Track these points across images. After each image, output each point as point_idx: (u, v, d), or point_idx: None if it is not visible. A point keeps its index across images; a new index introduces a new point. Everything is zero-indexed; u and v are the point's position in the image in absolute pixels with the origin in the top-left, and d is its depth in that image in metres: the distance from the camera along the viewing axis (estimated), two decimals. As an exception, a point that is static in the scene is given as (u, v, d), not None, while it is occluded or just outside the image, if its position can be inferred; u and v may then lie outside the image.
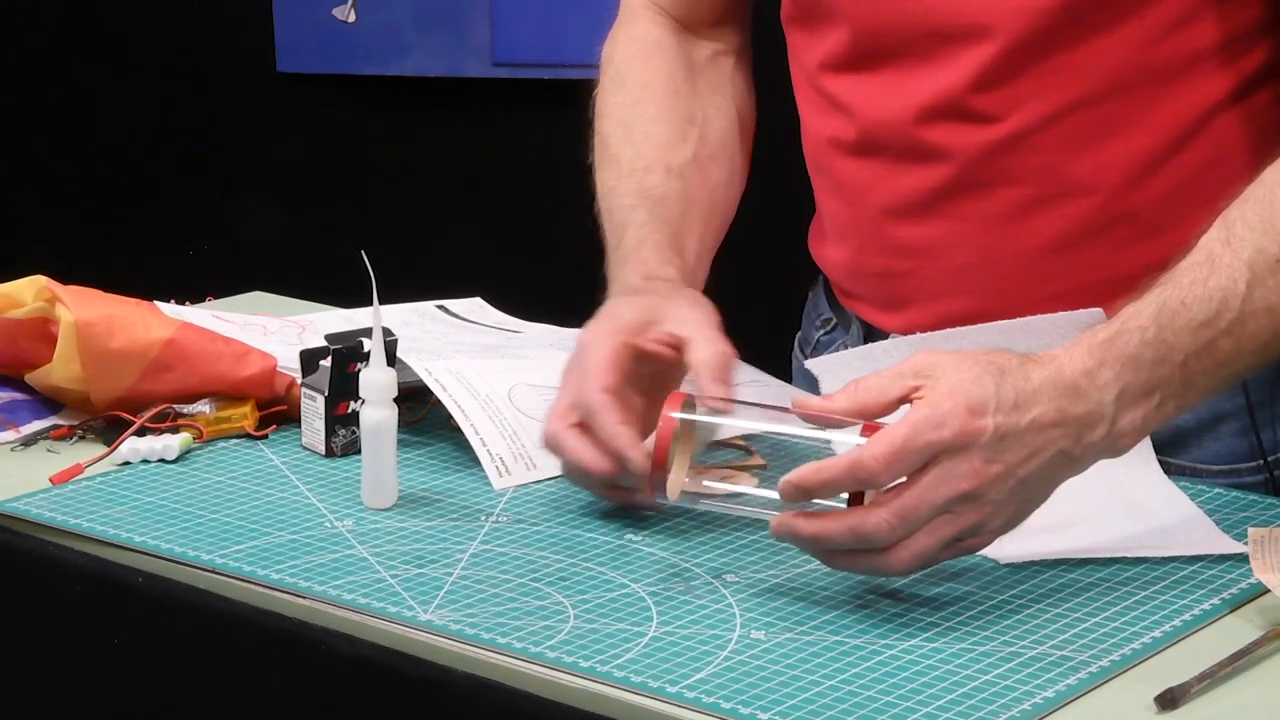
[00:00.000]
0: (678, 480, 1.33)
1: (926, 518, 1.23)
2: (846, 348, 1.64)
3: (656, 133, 1.61)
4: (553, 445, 1.39)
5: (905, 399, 1.26)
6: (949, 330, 1.50)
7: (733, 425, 1.40)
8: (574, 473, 1.39)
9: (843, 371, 1.53)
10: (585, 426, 1.37)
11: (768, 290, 2.02)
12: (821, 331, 1.70)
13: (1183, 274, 1.29)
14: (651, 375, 1.42)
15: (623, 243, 1.54)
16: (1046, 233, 1.50)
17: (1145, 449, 1.46)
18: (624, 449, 1.34)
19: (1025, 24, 1.44)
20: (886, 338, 1.58)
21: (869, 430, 1.26)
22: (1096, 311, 1.46)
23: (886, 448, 1.23)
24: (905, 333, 1.55)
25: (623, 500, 1.40)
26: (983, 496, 1.24)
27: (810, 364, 1.58)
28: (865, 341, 1.62)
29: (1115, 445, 1.28)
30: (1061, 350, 1.27)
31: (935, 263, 1.54)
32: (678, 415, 1.31)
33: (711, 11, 1.69)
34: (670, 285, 1.49)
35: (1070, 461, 1.26)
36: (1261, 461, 1.53)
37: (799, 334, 1.75)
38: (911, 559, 1.24)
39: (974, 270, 1.53)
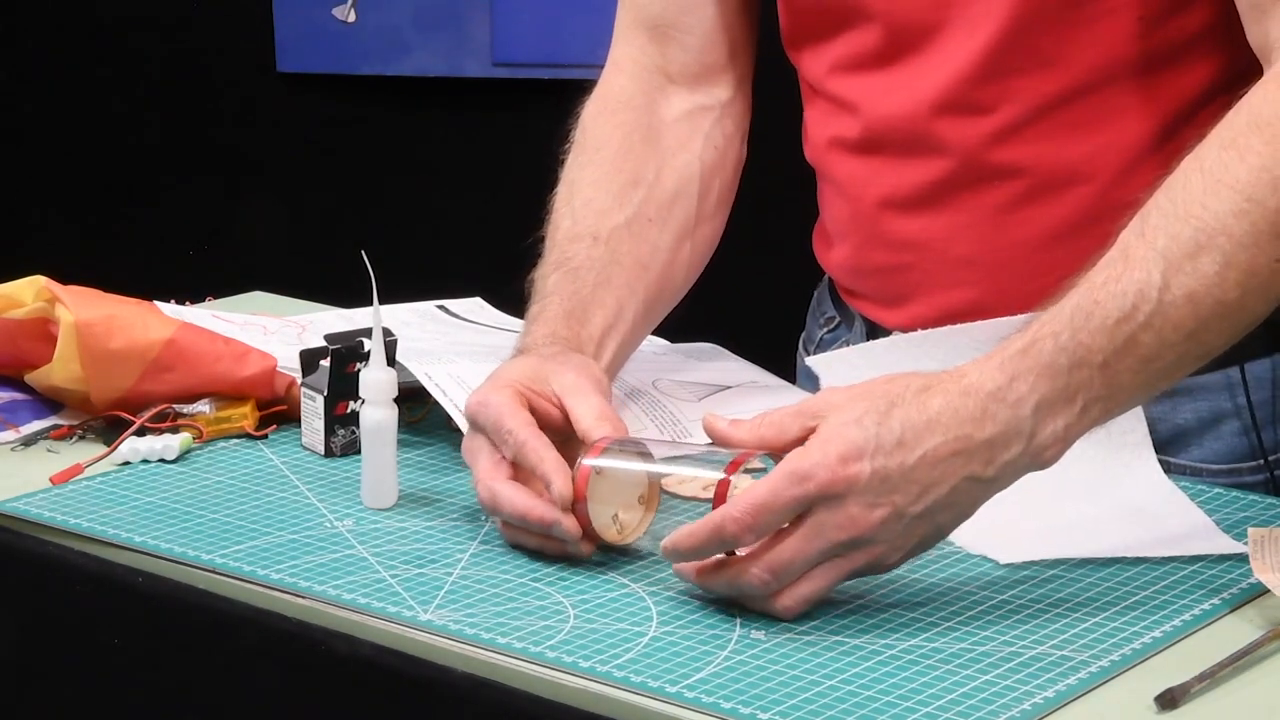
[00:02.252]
0: (607, 523, 1.32)
1: (802, 568, 1.22)
2: (849, 345, 1.64)
3: (594, 196, 1.58)
4: (491, 505, 1.34)
5: (803, 439, 1.23)
6: (950, 327, 1.50)
7: (645, 469, 1.35)
8: (513, 530, 1.35)
9: (842, 368, 1.53)
10: (517, 477, 1.34)
11: (774, 292, 2.02)
12: (825, 330, 1.70)
13: (1097, 273, 1.26)
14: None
15: (528, 314, 1.52)
16: (1044, 223, 1.50)
17: (1145, 449, 1.47)
18: (550, 473, 1.31)
19: (1018, 8, 1.45)
20: (889, 334, 1.58)
21: (722, 488, 1.25)
22: None
23: (746, 509, 1.21)
24: (907, 328, 1.55)
25: (558, 552, 1.34)
26: (870, 540, 1.21)
27: (810, 361, 1.58)
28: (868, 339, 1.62)
29: (1039, 458, 1.24)
30: (973, 366, 1.24)
31: (934, 256, 1.54)
32: (591, 462, 1.31)
33: (699, 65, 1.65)
34: (555, 350, 1.46)
35: (983, 484, 1.23)
36: (1262, 461, 1.53)
37: (803, 333, 1.75)
38: (796, 605, 1.23)
39: (973, 262, 1.53)
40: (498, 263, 1.58)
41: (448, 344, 1.69)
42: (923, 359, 1.51)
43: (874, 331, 1.62)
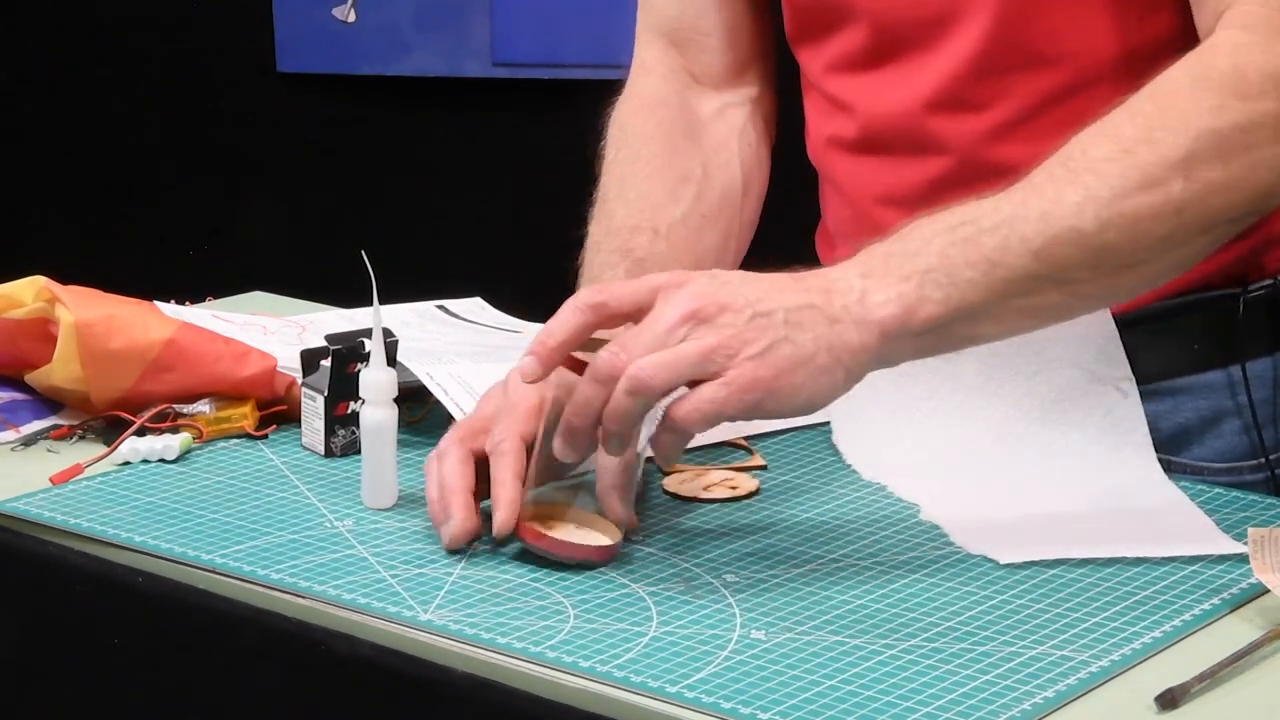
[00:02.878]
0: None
1: (650, 341, 1.24)
2: None
3: (649, 190, 1.58)
4: (440, 453, 1.36)
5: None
6: None
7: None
8: (433, 496, 1.36)
9: None
10: (477, 456, 1.35)
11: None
12: None
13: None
14: None
15: None
16: None
17: (1145, 449, 1.47)
18: (499, 503, 1.31)
19: (1005, 5, 1.45)
20: None
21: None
22: None
23: (603, 284, 1.27)
24: None
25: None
26: (716, 320, 1.23)
27: None
28: None
29: (873, 313, 1.25)
30: None
31: None
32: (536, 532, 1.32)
33: (722, 65, 1.66)
34: None
35: (827, 319, 1.25)
36: (1263, 460, 1.53)
37: None
38: (652, 365, 1.23)
39: None
40: (498, 263, 1.58)
41: (448, 344, 1.69)
42: (917, 367, 1.51)
43: None
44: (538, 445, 1.33)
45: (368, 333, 1.43)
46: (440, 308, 1.84)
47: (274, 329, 1.74)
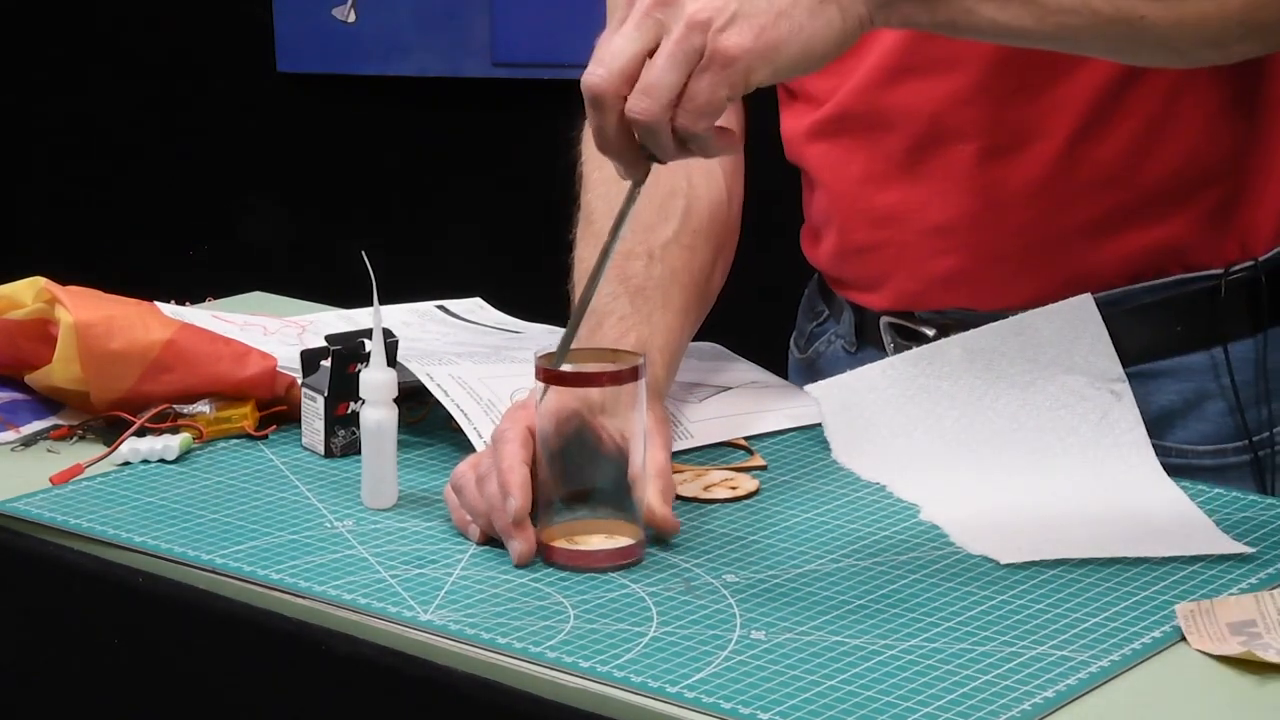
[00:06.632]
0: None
1: (631, 54, 1.21)
2: (837, 336, 1.66)
3: (638, 211, 1.56)
4: (457, 486, 1.37)
5: None
6: (941, 340, 1.52)
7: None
8: (457, 508, 1.37)
9: (839, 393, 1.54)
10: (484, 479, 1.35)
11: (770, 293, 2.03)
12: (814, 323, 1.71)
13: None
14: None
15: (602, 329, 1.49)
16: (1012, 183, 1.50)
17: (1144, 448, 1.47)
18: (511, 488, 1.32)
19: None
20: (876, 321, 1.60)
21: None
22: (1085, 298, 1.47)
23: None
24: (892, 308, 1.58)
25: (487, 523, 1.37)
26: (674, 4, 1.20)
27: (810, 388, 1.57)
28: (855, 328, 1.63)
29: None
30: None
31: (912, 227, 1.54)
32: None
33: None
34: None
35: None
36: (1247, 442, 1.53)
37: (794, 330, 1.76)
38: (643, 102, 1.21)
39: (949, 230, 1.53)
40: (498, 263, 1.58)
41: (448, 344, 1.69)
42: (919, 377, 1.52)
43: (861, 320, 1.62)
44: (539, 470, 1.33)
45: (368, 333, 1.44)
46: (440, 308, 1.84)
47: (274, 329, 1.74)
